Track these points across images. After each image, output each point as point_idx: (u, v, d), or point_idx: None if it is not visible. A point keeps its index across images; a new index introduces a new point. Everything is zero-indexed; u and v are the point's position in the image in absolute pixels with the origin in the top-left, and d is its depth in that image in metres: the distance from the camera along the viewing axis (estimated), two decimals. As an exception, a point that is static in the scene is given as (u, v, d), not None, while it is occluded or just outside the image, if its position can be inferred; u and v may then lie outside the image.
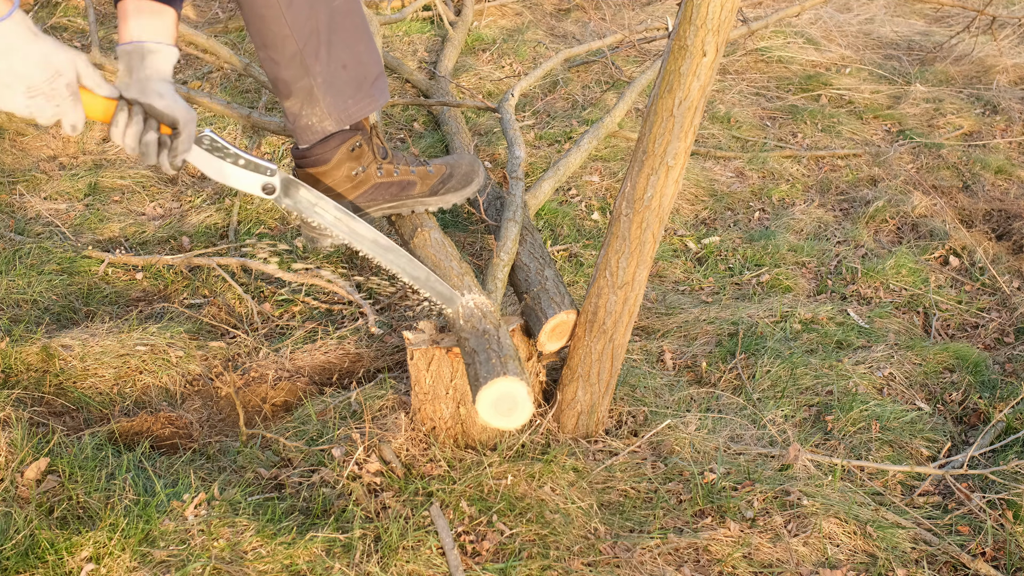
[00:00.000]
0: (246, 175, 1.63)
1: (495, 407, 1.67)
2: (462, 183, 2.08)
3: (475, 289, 1.85)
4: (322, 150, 1.88)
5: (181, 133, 1.49)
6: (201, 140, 1.57)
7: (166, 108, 1.46)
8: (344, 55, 1.82)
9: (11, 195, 2.93)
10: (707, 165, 3.58)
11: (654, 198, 1.74)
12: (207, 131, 1.57)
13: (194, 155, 1.56)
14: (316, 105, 1.82)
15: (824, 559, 1.79)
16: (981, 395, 2.35)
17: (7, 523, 1.64)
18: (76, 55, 1.37)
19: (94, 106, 1.42)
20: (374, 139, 1.96)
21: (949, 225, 3.14)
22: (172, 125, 1.48)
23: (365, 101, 1.88)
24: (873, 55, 4.74)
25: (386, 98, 1.94)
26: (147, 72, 1.45)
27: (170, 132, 1.49)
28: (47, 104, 1.35)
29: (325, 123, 1.85)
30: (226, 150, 1.59)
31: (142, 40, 1.44)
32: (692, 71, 1.59)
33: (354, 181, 1.94)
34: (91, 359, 2.17)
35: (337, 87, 1.82)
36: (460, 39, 4.38)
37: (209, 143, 1.58)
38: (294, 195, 1.73)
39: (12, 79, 1.31)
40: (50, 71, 1.33)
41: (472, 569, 1.68)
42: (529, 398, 1.66)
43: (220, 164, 1.60)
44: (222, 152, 1.59)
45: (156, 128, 1.47)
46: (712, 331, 2.54)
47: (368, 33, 1.88)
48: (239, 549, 1.66)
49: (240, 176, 1.63)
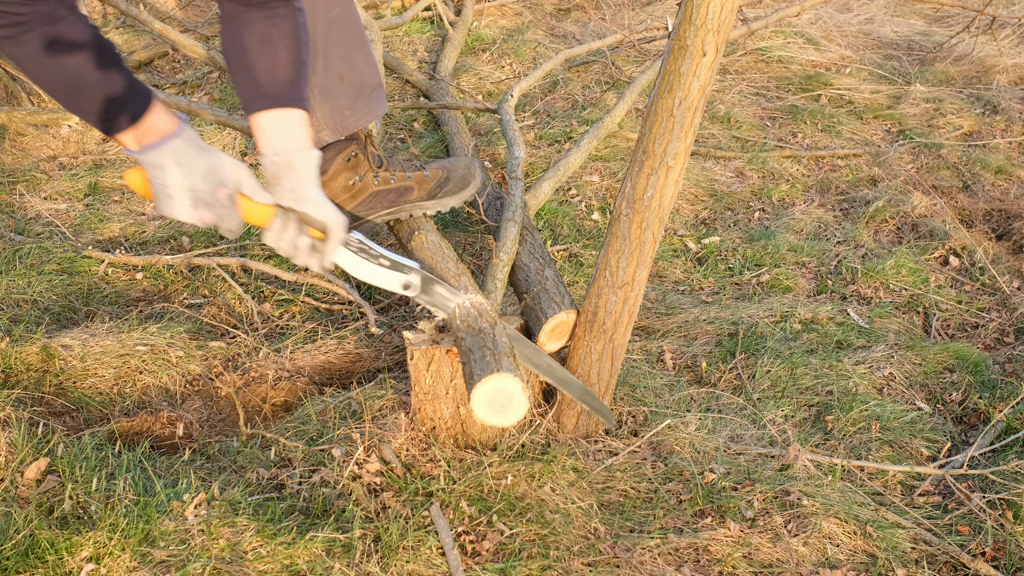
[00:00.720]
0: (389, 274, 1.73)
1: (490, 404, 1.67)
2: (459, 186, 2.08)
3: (472, 289, 1.85)
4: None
5: (331, 239, 1.55)
6: (349, 243, 1.65)
7: (319, 215, 1.52)
8: (341, 66, 1.82)
9: (11, 195, 2.93)
10: (707, 165, 3.58)
11: (654, 198, 1.74)
12: (355, 234, 1.65)
13: (342, 257, 1.65)
14: (312, 115, 1.83)
15: (824, 559, 1.79)
16: (981, 395, 2.35)
17: (7, 523, 1.64)
18: (238, 166, 1.44)
19: (252, 212, 1.49)
20: (369, 148, 1.96)
21: (949, 225, 3.14)
22: (323, 230, 1.55)
23: (362, 112, 1.88)
24: (873, 55, 4.74)
25: (384, 109, 1.94)
26: (297, 180, 1.49)
27: (321, 237, 1.55)
28: (209, 213, 1.43)
29: (322, 133, 1.86)
30: (371, 251, 1.68)
31: (288, 151, 1.47)
32: (692, 71, 1.59)
33: (352, 191, 1.94)
34: (91, 359, 2.17)
35: (333, 97, 1.83)
36: (460, 39, 4.38)
37: (357, 245, 1.66)
38: (431, 292, 1.80)
39: (178, 192, 1.39)
40: (214, 183, 1.41)
41: (472, 569, 1.68)
42: (524, 394, 1.66)
43: (366, 265, 1.69)
44: (367, 254, 1.68)
45: (308, 233, 1.54)
46: (712, 331, 2.54)
47: (365, 44, 1.88)
48: (239, 549, 1.66)
49: (383, 276, 1.72)
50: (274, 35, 1.45)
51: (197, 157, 1.39)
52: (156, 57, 4.07)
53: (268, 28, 1.45)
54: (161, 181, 1.38)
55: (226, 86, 3.81)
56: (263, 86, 1.45)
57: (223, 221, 1.45)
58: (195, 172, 1.38)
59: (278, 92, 1.46)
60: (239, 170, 1.44)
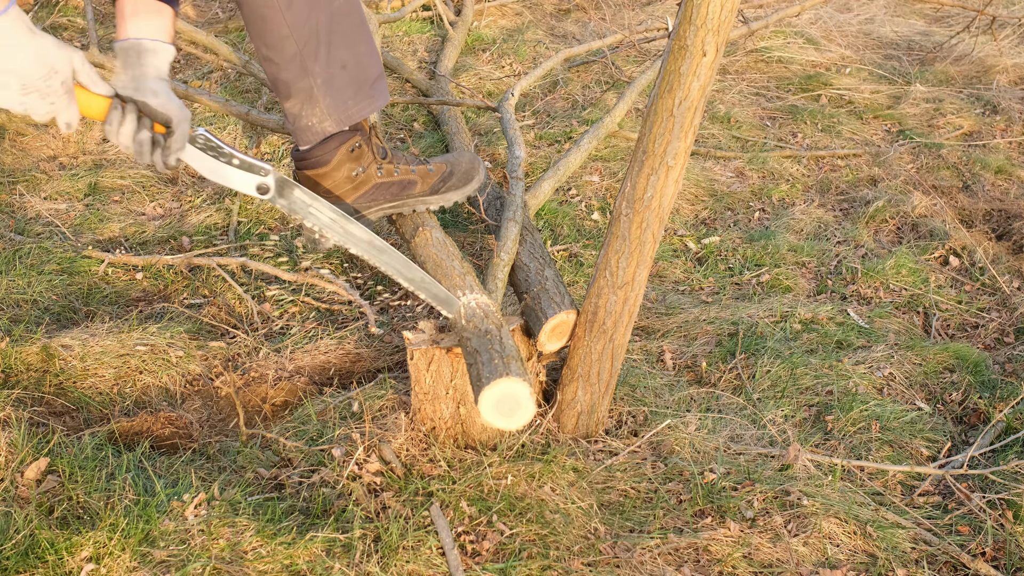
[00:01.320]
0: (240, 175, 1.63)
1: (497, 408, 1.67)
2: (463, 181, 2.08)
3: (477, 289, 1.85)
4: (321, 152, 1.88)
5: (175, 132, 1.48)
6: (195, 139, 1.56)
7: (160, 106, 1.46)
8: (344, 56, 1.82)
9: (11, 195, 2.93)
10: (707, 165, 3.58)
11: (654, 198, 1.74)
12: (201, 130, 1.57)
13: (188, 154, 1.56)
14: (316, 106, 1.82)
15: (824, 559, 1.79)
16: (981, 395, 2.35)
17: (7, 523, 1.64)
18: (73, 52, 1.37)
19: (89, 104, 1.42)
20: (373, 139, 1.96)
21: (949, 225, 3.14)
22: (166, 123, 1.48)
23: (365, 102, 1.88)
24: (873, 55, 4.74)
25: (386, 99, 1.94)
26: (144, 70, 1.45)
27: (164, 131, 1.49)
28: (42, 101, 1.35)
29: (325, 124, 1.85)
30: (220, 149, 1.59)
31: (139, 38, 1.43)
32: (692, 71, 1.59)
33: (354, 182, 1.94)
34: (91, 359, 2.17)
35: (337, 88, 1.82)
36: (460, 39, 4.38)
37: (204, 142, 1.57)
38: (288, 195, 1.72)
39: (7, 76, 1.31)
40: (46, 68, 1.33)
41: (472, 569, 1.68)
42: (531, 399, 1.66)
43: (214, 163, 1.59)
44: (216, 151, 1.59)
45: (150, 127, 1.47)
46: (712, 331, 2.54)
47: (368, 34, 1.88)
48: (239, 549, 1.66)
49: (234, 175, 1.63)
50: None
51: (27, 38, 1.31)
52: (156, 57, 4.06)
53: None
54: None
55: (227, 86, 3.81)
56: None
57: (59, 113, 1.38)
58: (26, 55, 1.30)
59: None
60: (75, 56, 1.37)
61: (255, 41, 1.79)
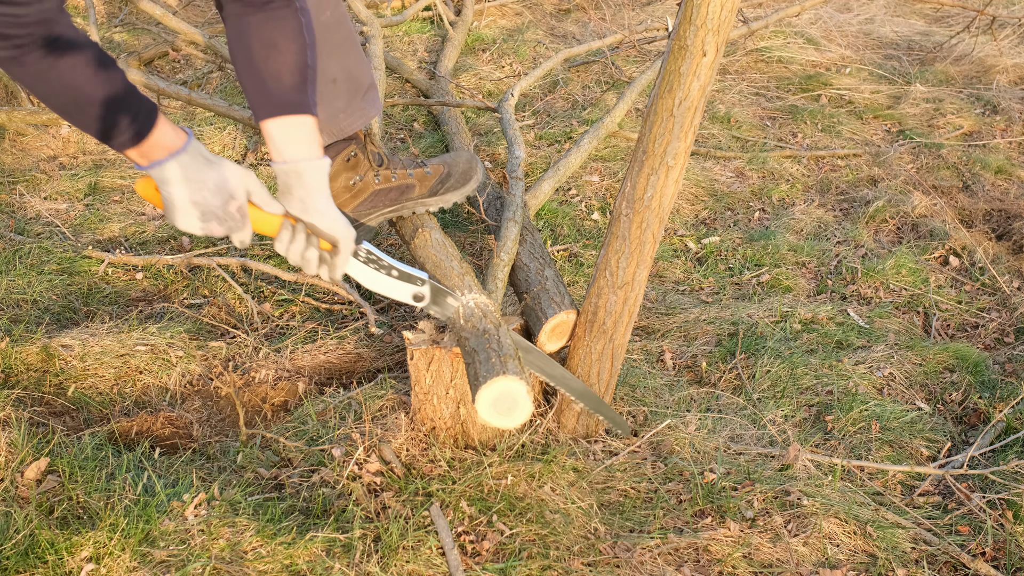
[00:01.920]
0: (399, 285, 1.73)
1: (494, 406, 1.67)
2: (461, 181, 2.08)
3: (476, 289, 1.85)
4: None
5: (340, 252, 1.55)
6: (358, 253, 1.65)
7: (327, 228, 1.52)
8: (334, 69, 1.82)
9: (11, 195, 2.93)
10: (707, 165, 3.58)
11: (654, 198, 1.74)
12: (365, 244, 1.65)
13: (352, 268, 1.65)
14: None
15: (824, 559, 1.79)
16: (981, 395, 2.35)
17: (7, 523, 1.64)
18: (247, 176, 1.43)
19: (262, 221, 1.49)
20: (369, 147, 1.96)
21: (949, 225, 3.14)
22: (332, 243, 1.54)
23: (357, 114, 1.88)
24: (873, 55, 4.74)
25: (378, 109, 1.94)
26: (306, 190, 1.49)
27: (330, 248, 1.55)
28: (220, 226, 1.42)
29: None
30: (380, 262, 1.68)
31: (296, 160, 1.47)
32: (692, 71, 1.59)
33: (353, 191, 1.94)
34: (91, 359, 2.17)
35: (328, 102, 1.82)
36: (460, 39, 4.38)
37: (365, 256, 1.66)
38: (442, 303, 1.79)
39: (188, 206, 1.39)
40: (223, 197, 1.40)
41: (472, 569, 1.68)
42: (529, 397, 1.66)
43: (375, 275, 1.68)
44: (377, 265, 1.68)
45: (317, 244, 1.53)
46: (712, 331, 2.54)
47: (357, 45, 1.88)
48: (239, 549, 1.66)
49: (394, 286, 1.72)
50: (277, 38, 1.44)
51: (206, 171, 1.38)
52: (156, 57, 4.07)
53: (271, 31, 1.44)
54: (170, 195, 1.38)
55: (227, 87, 3.81)
56: (270, 92, 1.44)
57: (234, 232, 1.45)
58: (204, 187, 1.38)
59: (284, 99, 1.45)
60: (248, 180, 1.44)
61: None
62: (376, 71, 3.14)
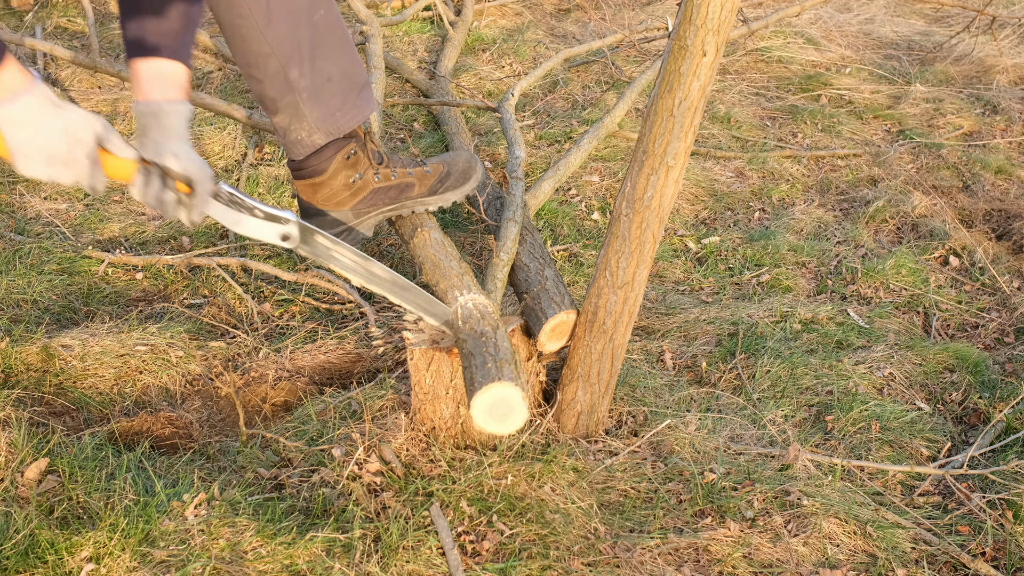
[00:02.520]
0: (264, 225, 1.68)
1: (489, 413, 1.66)
2: (460, 180, 2.07)
3: (475, 289, 1.85)
4: (317, 161, 1.88)
5: (197, 192, 1.53)
6: (219, 195, 1.61)
7: (181, 169, 1.50)
8: (329, 68, 1.82)
9: (11, 195, 2.93)
10: (707, 165, 3.58)
11: (654, 198, 1.74)
12: (224, 185, 1.61)
13: (213, 209, 1.61)
14: (303, 120, 1.83)
15: (824, 559, 1.79)
16: (981, 395, 2.35)
17: (7, 523, 1.64)
18: (95, 121, 1.41)
19: (115, 167, 1.46)
20: (368, 144, 1.96)
21: (949, 225, 3.14)
22: (188, 184, 1.52)
23: (352, 113, 1.88)
24: (873, 55, 4.74)
25: (372, 107, 1.94)
26: (164, 132, 1.48)
27: (188, 191, 1.53)
28: (67, 171, 1.40)
29: (314, 137, 1.86)
30: (243, 203, 1.64)
31: (157, 100, 1.46)
32: (692, 71, 1.59)
33: (352, 188, 1.94)
34: (91, 359, 2.17)
35: (323, 101, 1.82)
36: (460, 39, 4.38)
37: (227, 197, 1.62)
38: (311, 242, 1.75)
39: (32, 150, 1.36)
40: (68, 141, 1.38)
41: (472, 569, 1.68)
42: (524, 403, 1.66)
43: (238, 216, 1.64)
44: (239, 205, 1.63)
45: (174, 187, 1.51)
46: (712, 331, 2.54)
47: (350, 44, 1.88)
48: (239, 549, 1.66)
49: (258, 226, 1.67)
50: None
51: (51, 114, 1.35)
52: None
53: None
54: (14, 138, 1.35)
55: (227, 87, 3.81)
56: (147, 33, 1.44)
57: (83, 179, 1.42)
58: (50, 130, 1.35)
59: (160, 42, 1.44)
60: (97, 124, 1.41)
61: (237, 59, 1.80)
62: (376, 70, 3.14)
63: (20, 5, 4.44)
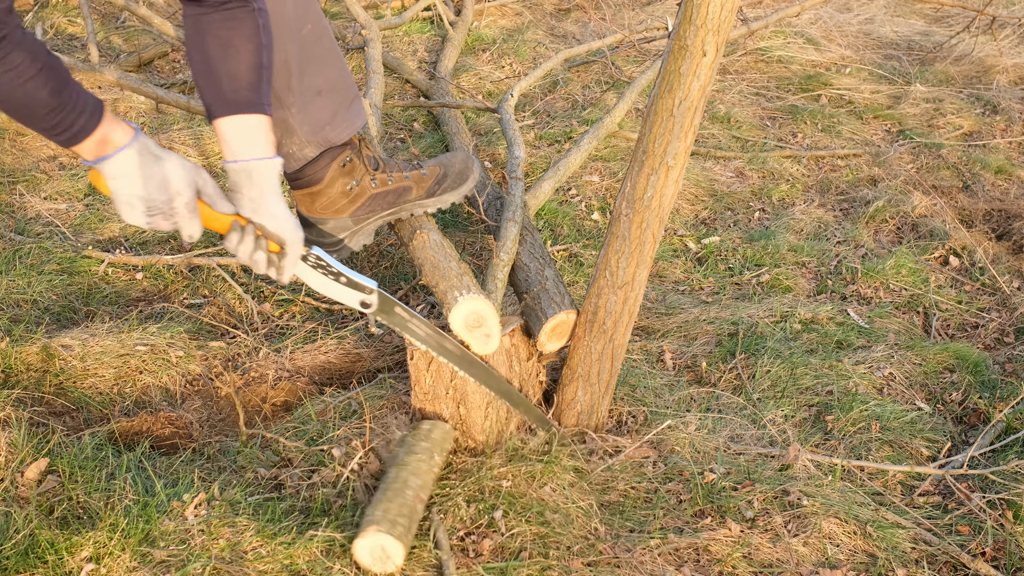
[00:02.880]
0: (347, 292, 1.73)
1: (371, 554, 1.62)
2: (457, 181, 2.07)
3: (474, 289, 1.85)
4: (313, 170, 1.88)
5: (288, 254, 1.56)
6: (307, 257, 1.65)
7: (276, 230, 1.52)
8: (317, 82, 1.81)
9: (11, 195, 2.93)
10: (707, 165, 3.58)
11: (654, 198, 1.74)
12: (314, 249, 1.65)
13: (300, 271, 1.66)
14: (294, 135, 1.82)
15: (824, 559, 1.79)
16: (981, 395, 2.35)
17: (7, 523, 1.64)
18: (196, 172, 1.44)
19: (212, 218, 1.49)
20: (364, 151, 1.96)
21: (949, 225, 3.14)
22: (280, 245, 1.55)
23: (342, 126, 1.88)
24: (873, 55, 4.74)
25: (363, 120, 1.94)
26: (257, 190, 1.49)
27: (279, 251, 1.56)
28: (165, 222, 1.43)
29: (305, 151, 1.85)
30: (329, 268, 1.68)
31: (246, 159, 1.47)
32: (692, 71, 1.59)
33: (349, 196, 1.94)
34: (91, 359, 2.17)
35: (312, 115, 1.82)
36: (460, 39, 4.38)
37: (314, 261, 1.66)
38: (389, 311, 1.79)
39: (135, 200, 1.40)
40: (170, 192, 1.41)
41: (472, 569, 1.68)
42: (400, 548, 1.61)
43: (324, 280, 1.69)
44: (326, 270, 1.68)
45: (266, 247, 1.54)
46: (712, 331, 2.54)
47: (339, 56, 1.88)
48: (239, 549, 1.66)
49: (342, 292, 1.72)
50: (234, 38, 1.44)
51: (152, 167, 1.39)
52: (156, 57, 4.07)
53: (228, 31, 1.44)
54: (117, 189, 1.39)
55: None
56: (224, 91, 1.45)
57: (181, 229, 1.45)
58: (150, 182, 1.39)
59: (239, 97, 1.45)
60: (197, 176, 1.44)
61: None
62: (375, 75, 3.14)
63: (20, 5, 4.44)
